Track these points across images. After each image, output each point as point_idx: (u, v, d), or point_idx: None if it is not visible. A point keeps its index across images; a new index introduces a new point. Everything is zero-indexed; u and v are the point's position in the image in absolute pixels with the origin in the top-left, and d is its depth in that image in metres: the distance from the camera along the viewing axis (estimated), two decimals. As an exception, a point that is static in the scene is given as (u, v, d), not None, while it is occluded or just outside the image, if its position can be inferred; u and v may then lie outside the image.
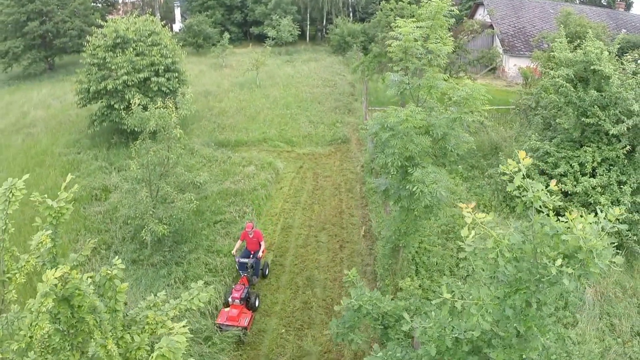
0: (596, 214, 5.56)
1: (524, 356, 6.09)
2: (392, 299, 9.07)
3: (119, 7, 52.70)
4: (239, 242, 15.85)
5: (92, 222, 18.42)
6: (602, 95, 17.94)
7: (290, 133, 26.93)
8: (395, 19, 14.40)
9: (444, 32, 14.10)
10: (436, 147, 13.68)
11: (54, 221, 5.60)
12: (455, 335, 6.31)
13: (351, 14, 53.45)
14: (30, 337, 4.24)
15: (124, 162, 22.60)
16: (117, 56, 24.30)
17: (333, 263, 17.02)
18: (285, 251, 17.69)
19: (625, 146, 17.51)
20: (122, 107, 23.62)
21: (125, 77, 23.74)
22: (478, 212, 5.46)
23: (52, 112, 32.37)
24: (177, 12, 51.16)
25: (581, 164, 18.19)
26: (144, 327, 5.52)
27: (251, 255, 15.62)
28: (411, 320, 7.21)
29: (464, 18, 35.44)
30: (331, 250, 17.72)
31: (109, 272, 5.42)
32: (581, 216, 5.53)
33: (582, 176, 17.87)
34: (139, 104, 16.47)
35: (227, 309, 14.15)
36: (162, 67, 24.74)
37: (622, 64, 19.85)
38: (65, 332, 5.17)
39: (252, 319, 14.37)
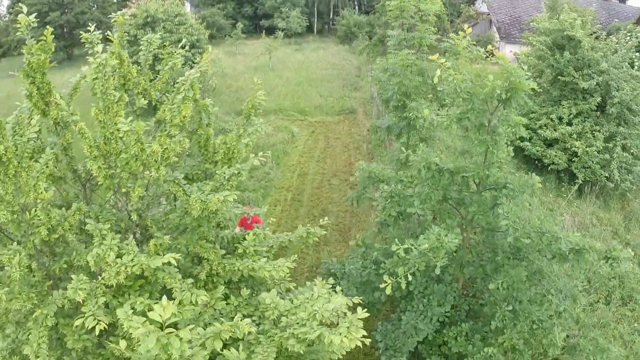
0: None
1: (487, 171, 9.32)
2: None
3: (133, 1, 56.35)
4: (237, 229, 16.68)
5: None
6: (576, 58, 21.34)
7: (303, 104, 30.43)
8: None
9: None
10: (431, 86, 17.09)
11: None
12: (437, 164, 9.61)
13: (357, 7, 57.28)
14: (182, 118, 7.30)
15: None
16: (147, 33, 27.76)
17: (344, 199, 20.28)
18: (302, 191, 21.05)
19: (597, 98, 20.77)
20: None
21: (156, 52, 27.17)
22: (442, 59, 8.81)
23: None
24: (188, 5, 54.85)
25: (559, 118, 21.55)
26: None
27: None
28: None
29: (462, 5, 38.87)
30: (342, 190, 21.03)
31: (205, 104, 8.76)
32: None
33: (559, 125, 21.20)
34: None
35: None
36: (189, 44, 28.27)
37: (603, 39, 23.23)
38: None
39: None
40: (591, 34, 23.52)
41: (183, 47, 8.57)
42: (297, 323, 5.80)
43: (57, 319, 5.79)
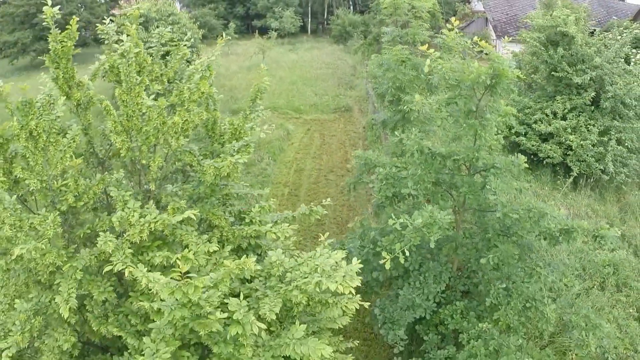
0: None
1: (476, 154, 10.24)
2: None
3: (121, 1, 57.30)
4: None
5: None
6: (569, 54, 22.42)
7: (298, 102, 31.54)
8: None
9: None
10: (424, 80, 18.10)
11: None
12: (429, 148, 10.57)
13: (351, 7, 58.59)
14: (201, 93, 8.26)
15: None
16: (140, 33, 28.76)
17: (341, 194, 21.25)
18: (299, 186, 21.99)
19: (591, 93, 21.82)
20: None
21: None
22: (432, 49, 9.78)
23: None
24: (178, 5, 55.86)
25: (554, 113, 22.60)
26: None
27: None
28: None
29: (457, 4, 40.06)
30: (339, 185, 21.99)
31: (211, 90, 9.67)
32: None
33: (554, 120, 22.23)
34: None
35: None
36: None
37: (597, 35, 24.36)
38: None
39: None
40: (587, 31, 24.65)
41: (188, 40, 9.47)
42: (301, 277, 6.72)
43: (83, 274, 6.65)
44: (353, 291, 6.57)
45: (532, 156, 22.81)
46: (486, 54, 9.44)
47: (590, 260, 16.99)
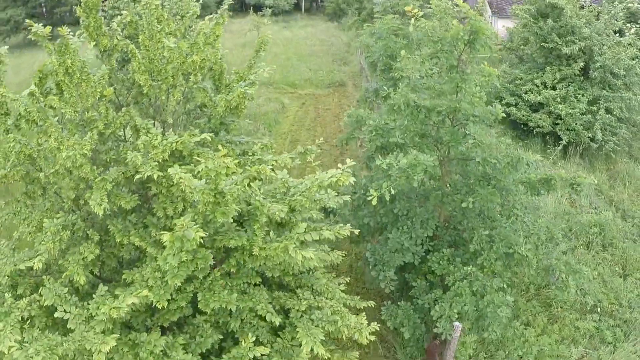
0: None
1: (457, 105, 11.67)
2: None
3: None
4: None
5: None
6: (559, 25, 23.91)
7: (293, 78, 33.06)
8: None
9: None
10: (415, 49, 19.57)
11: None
12: (415, 101, 12.03)
13: (346, -15, 59.90)
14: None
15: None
16: (137, 6, 30.03)
17: (335, 163, 22.72)
18: (294, 156, 23.52)
19: (580, 64, 23.31)
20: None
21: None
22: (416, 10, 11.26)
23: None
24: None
25: (543, 83, 24.12)
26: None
27: None
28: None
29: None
30: (333, 155, 23.51)
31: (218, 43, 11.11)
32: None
33: (543, 90, 23.74)
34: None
35: None
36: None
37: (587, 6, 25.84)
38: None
39: None
40: (577, 3, 26.11)
41: (197, 0, 10.89)
42: (303, 189, 8.22)
43: (112, 188, 8.05)
44: (352, 182, 7.98)
45: (522, 126, 24.36)
46: (464, 13, 10.89)
47: (577, 221, 18.33)
